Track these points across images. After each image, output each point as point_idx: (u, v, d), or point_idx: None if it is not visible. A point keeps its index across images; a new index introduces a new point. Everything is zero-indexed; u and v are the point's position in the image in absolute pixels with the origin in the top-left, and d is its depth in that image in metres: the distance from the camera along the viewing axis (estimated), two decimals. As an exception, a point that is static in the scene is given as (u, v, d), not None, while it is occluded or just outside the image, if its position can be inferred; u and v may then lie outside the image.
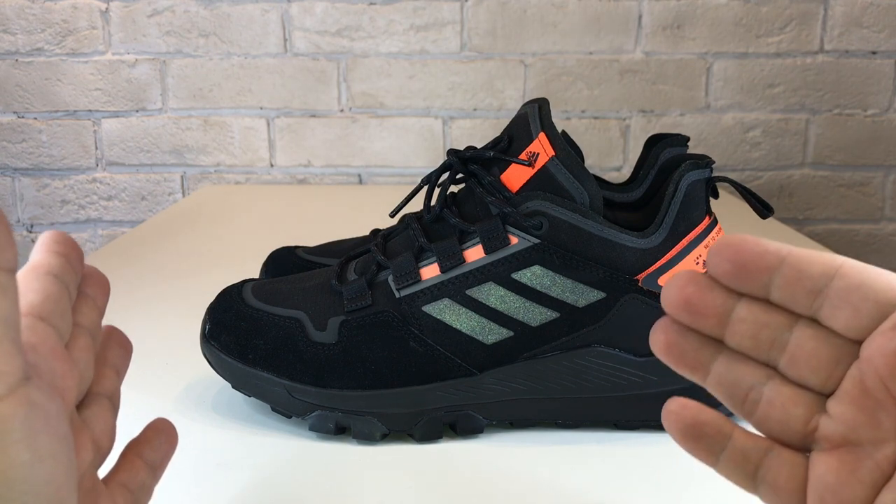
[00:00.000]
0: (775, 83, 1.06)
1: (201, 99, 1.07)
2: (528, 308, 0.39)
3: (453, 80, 1.06)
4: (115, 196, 1.10)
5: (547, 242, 0.39)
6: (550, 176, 0.39)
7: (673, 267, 0.39)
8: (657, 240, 0.39)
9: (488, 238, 0.40)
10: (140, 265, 0.71)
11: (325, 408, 0.40)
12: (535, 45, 1.05)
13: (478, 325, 0.40)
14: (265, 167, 1.09)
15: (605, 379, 0.40)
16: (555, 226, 0.39)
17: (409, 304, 0.40)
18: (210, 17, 1.05)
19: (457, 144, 1.07)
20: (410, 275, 0.41)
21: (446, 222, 0.42)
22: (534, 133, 0.40)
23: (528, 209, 0.39)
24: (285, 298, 0.43)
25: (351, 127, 1.08)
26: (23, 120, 1.08)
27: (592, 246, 0.39)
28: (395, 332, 0.40)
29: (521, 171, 0.40)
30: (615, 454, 0.40)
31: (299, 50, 1.05)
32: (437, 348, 0.40)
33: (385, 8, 1.04)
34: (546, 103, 0.43)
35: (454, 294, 0.40)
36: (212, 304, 0.44)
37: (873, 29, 1.04)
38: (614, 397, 0.41)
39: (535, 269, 0.39)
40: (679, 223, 0.39)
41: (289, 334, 0.41)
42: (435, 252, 0.41)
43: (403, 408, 0.40)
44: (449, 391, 0.40)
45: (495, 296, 0.40)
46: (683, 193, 0.39)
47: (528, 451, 0.40)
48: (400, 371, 0.40)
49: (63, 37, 1.05)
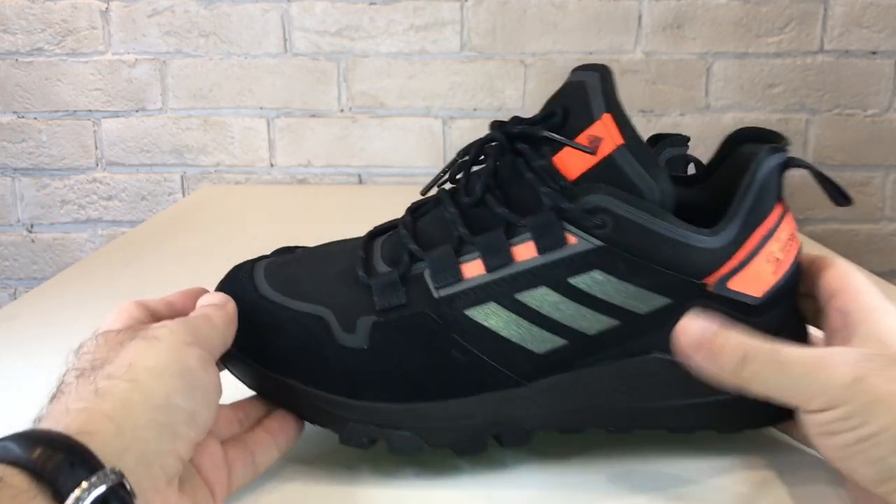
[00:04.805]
0: (775, 83, 1.06)
1: (201, 99, 1.07)
2: (586, 316, 0.34)
3: (453, 80, 1.06)
4: (115, 196, 1.10)
5: (611, 245, 0.34)
6: (617, 167, 0.34)
7: (745, 267, 0.34)
8: (728, 236, 0.34)
9: (542, 236, 0.34)
10: (140, 265, 0.71)
11: (358, 420, 0.36)
12: (535, 45, 1.05)
13: (528, 333, 0.35)
14: (265, 167, 1.09)
15: (661, 387, 0.36)
16: (620, 225, 0.33)
17: (449, 306, 0.35)
18: (210, 17, 1.05)
19: (457, 144, 1.07)
20: (451, 272, 0.35)
21: (489, 210, 0.36)
22: (595, 112, 0.34)
23: (590, 204, 0.34)
24: (306, 290, 0.38)
25: (351, 127, 1.08)
26: (23, 120, 1.08)
27: (661, 249, 0.34)
28: (434, 338, 0.35)
29: (578, 155, 0.35)
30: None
31: (299, 50, 1.05)
32: (482, 357, 0.35)
33: (385, 8, 1.04)
34: (608, 73, 0.36)
35: (502, 298, 0.35)
36: (220, 286, 0.40)
37: (873, 29, 1.04)
38: (671, 406, 0.37)
39: (595, 275, 0.34)
40: (751, 216, 0.34)
41: (313, 335, 0.36)
42: (479, 247, 0.35)
43: (444, 421, 0.36)
44: (494, 403, 0.36)
45: (549, 302, 0.34)
46: (760, 183, 0.34)
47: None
48: (441, 382, 0.35)
49: (63, 37, 1.05)
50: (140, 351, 0.30)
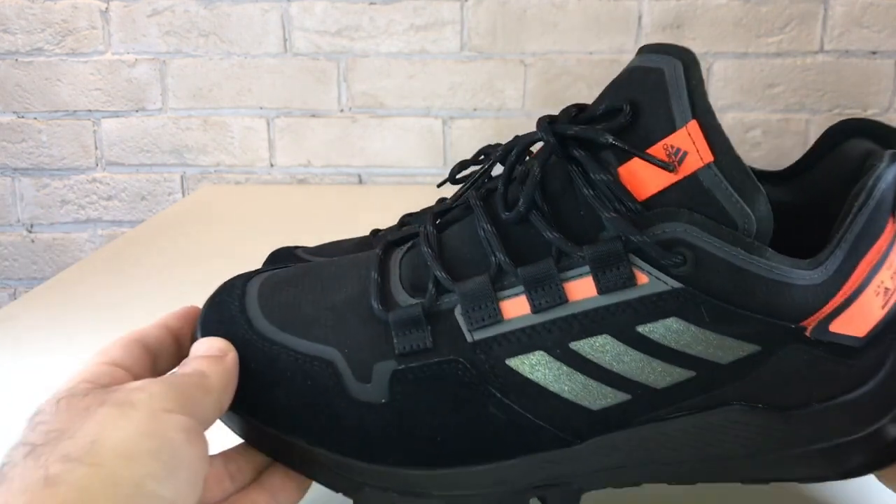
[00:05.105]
0: (775, 83, 1.06)
1: (201, 99, 1.07)
2: (656, 368, 0.28)
3: (453, 80, 1.06)
4: (115, 196, 1.10)
5: (691, 286, 0.27)
6: (703, 190, 0.27)
7: (850, 306, 0.27)
8: (832, 268, 0.27)
9: (604, 271, 0.27)
10: (140, 265, 0.71)
11: (374, 486, 0.30)
12: (535, 45, 1.05)
13: (583, 388, 0.28)
14: (265, 167, 1.09)
15: (740, 440, 0.30)
16: (704, 263, 0.27)
17: (486, 353, 0.29)
18: (210, 17, 1.05)
19: (457, 144, 1.07)
20: (488, 311, 0.29)
21: (535, 231, 0.29)
22: (678, 118, 0.27)
23: (666, 235, 0.27)
24: (310, 324, 0.31)
25: (351, 127, 1.08)
26: (22, 120, 1.08)
27: (755, 291, 0.27)
28: (468, 391, 0.29)
29: (652, 169, 0.27)
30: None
31: (299, 50, 1.05)
32: (526, 415, 0.29)
33: (385, 8, 1.04)
34: (693, 61, 0.28)
35: (552, 346, 0.28)
36: (206, 316, 0.32)
37: (874, 29, 1.04)
38: (749, 459, 0.31)
39: (670, 323, 0.27)
40: (861, 241, 0.27)
41: (320, 385, 0.30)
42: (523, 280, 0.29)
43: (479, 489, 0.30)
44: (539, 465, 0.30)
45: (612, 354, 0.28)
46: (877, 201, 0.27)
47: None
48: (474, 444, 0.29)
49: (63, 37, 1.05)
50: (108, 422, 0.24)
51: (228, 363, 0.29)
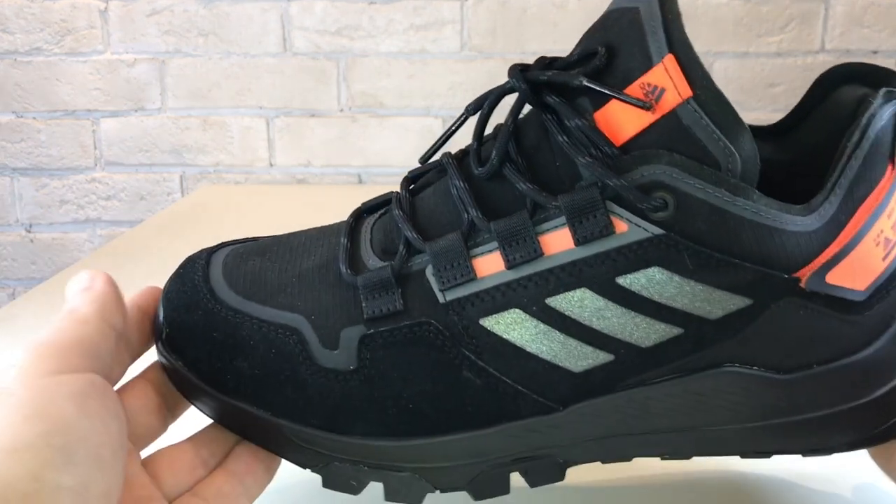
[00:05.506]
0: (776, 83, 1.06)
1: (200, 98, 1.07)
2: (640, 324, 0.26)
3: (453, 79, 1.06)
4: (114, 196, 1.10)
5: (673, 232, 0.25)
6: (683, 129, 0.25)
7: (848, 254, 0.26)
8: (827, 214, 0.25)
9: (580, 221, 0.26)
10: (139, 265, 0.71)
11: (343, 460, 0.28)
12: (536, 45, 1.04)
13: (563, 347, 0.27)
14: (265, 167, 1.09)
15: (735, 406, 0.28)
16: (686, 207, 0.25)
17: (458, 314, 0.27)
18: (209, 17, 1.04)
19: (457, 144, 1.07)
20: (460, 269, 0.27)
21: (509, 185, 0.28)
22: (654, 54, 0.26)
23: (644, 178, 0.25)
24: (275, 292, 0.29)
25: (351, 127, 1.07)
26: (21, 119, 1.07)
27: (741, 236, 0.25)
28: (441, 355, 0.27)
29: (630, 111, 0.26)
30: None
31: (299, 49, 1.05)
32: (503, 379, 0.27)
33: (385, 7, 1.04)
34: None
35: (528, 303, 0.27)
36: (168, 288, 0.31)
37: (874, 28, 1.04)
38: (744, 428, 0.29)
39: (652, 273, 0.26)
40: (858, 186, 0.26)
41: (283, 354, 0.28)
42: (496, 235, 0.27)
43: (455, 460, 0.28)
44: (519, 435, 0.28)
45: (591, 308, 0.26)
46: (872, 142, 0.26)
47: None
48: (449, 411, 0.28)
49: (62, 36, 1.05)
50: None
51: (97, 287, 0.27)
